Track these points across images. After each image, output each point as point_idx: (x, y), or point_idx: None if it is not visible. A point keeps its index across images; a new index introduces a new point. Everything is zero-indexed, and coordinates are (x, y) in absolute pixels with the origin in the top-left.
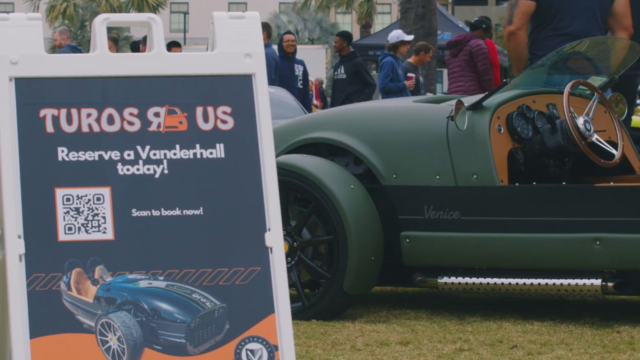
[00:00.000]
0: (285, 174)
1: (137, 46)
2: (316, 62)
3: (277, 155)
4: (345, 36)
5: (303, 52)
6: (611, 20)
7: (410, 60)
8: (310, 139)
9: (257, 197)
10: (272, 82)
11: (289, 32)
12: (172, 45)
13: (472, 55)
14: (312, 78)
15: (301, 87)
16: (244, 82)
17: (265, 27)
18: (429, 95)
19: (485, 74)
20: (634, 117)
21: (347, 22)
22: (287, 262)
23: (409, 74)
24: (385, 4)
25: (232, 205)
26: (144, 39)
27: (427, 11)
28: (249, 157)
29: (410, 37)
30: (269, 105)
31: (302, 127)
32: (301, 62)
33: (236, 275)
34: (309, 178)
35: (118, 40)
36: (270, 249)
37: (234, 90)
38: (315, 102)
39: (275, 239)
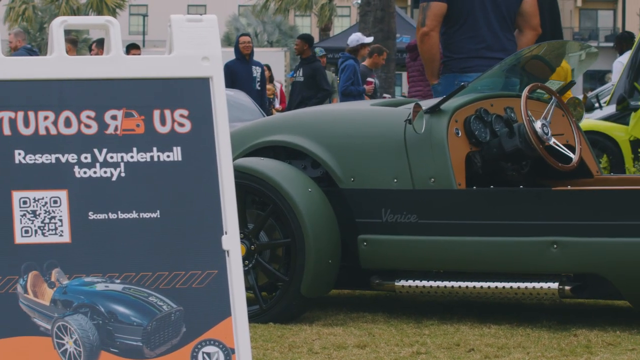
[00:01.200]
0: (243, 177)
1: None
2: (275, 65)
3: (235, 158)
4: (307, 39)
5: (262, 54)
6: (519, 20)
7: (365, 63)
8: (268, 142)
9: (214, 201)
10: None
11: (244, 34)
12: (131, 48)
13: None
14: (276, 82)
15: (259, 88)
16: (201, 85)
17: None
18: (386, 97)
19: None
20: (591, 121)
21: (307, 24)
22: (245, 265)
23: (368, 79)
24: (344, 7)
25: (189, 209)
26: (98, 41)
27: (385, 14)
28: (206, 160)
29: (369, 39)
30: (227, 109)
31: (260, 130)
32: (259, 64)
33: (193, 279)
34: (266, 181)
35: (77, 42)
36: (227, 252)
37: (191, 93)
38: (277, 106)
39: (232, 242)
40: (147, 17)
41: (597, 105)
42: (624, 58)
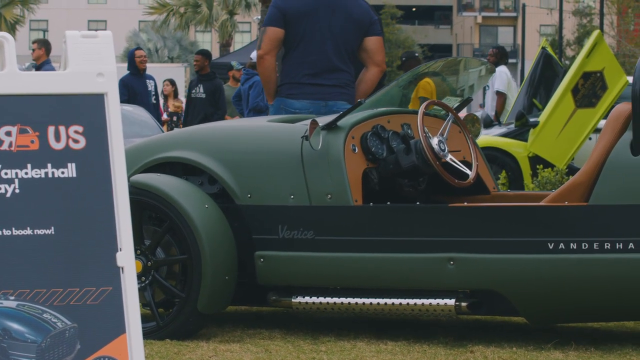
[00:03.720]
0: (140, 193)
1: None
2: (176, 80)
3: (132, 174)
4: (207, 54)
5: (163, 70)
6: (364, 56)
7: None
8: (165, 158)
9: (108, 217)
10: None
11: (140, 48)
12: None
13: None
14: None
15: (155, 102)
16: (96, 101)
17: (44, 43)
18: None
19: None
20: (489, 137)
21: (207, 40)
22: (141, 282)
23: None
24: (245, 23)
25: (83, 225)
26: None
27: None
28: (100, 177)
29: None
30: (121, 125)
31: (157, 146)
32: (152, 78)
33: (87, 295)
34: (163, 197)
35: None
36: (122, 268)
37: (86, 109)
38: None
39: (126, 258)
40: (48, 33)
41: (495, 121)
42: (504, 68)
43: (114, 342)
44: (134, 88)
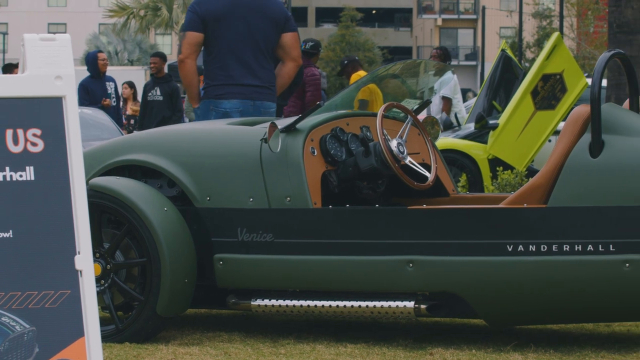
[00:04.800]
0: (98, 196)
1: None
2: (136, 83)
3: (91, 177)
4: (163, 57)
5: (123, 73)
6: (280, 52)
7: None
8: (124, 161)
9: (67, 220)
10: None
11: (101, 51)
12: (14, 67)
13: (304, 84)
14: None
15: (114, 104)
16: (54, 104)
17: None
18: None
19: (311, 104)
20: (449, 139)
21: (167, 43)
22: (100, 285)
23: None
24: None
25: (42, 228)
26: None
27: None
28: (59, 180)
29: None
30: (79, 128)
31: (116, 149)
32: (112, 80)
33: (46, 299)
34: (122, 200)
35: None
36: (80, 272)
37: (44, 112)
38: None
39: (85, 262)
40: (7, 36)
41: (455, 123)
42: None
43: (72, 345)
44: (94, 91)
